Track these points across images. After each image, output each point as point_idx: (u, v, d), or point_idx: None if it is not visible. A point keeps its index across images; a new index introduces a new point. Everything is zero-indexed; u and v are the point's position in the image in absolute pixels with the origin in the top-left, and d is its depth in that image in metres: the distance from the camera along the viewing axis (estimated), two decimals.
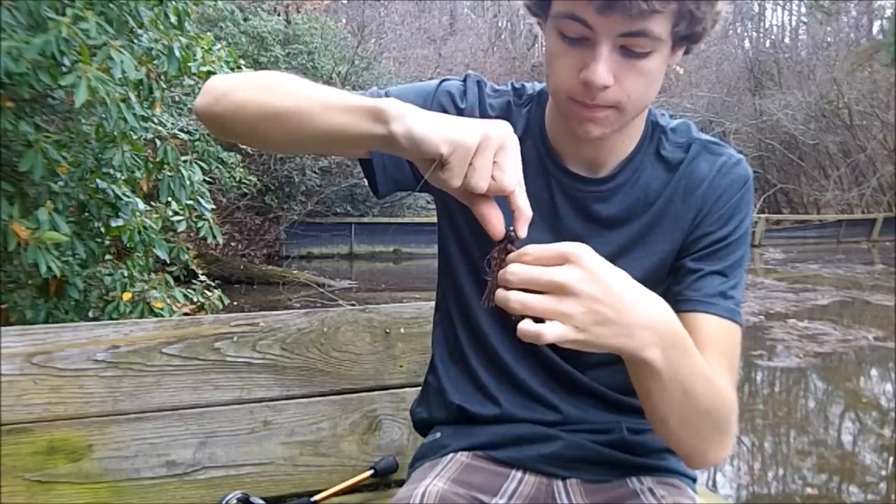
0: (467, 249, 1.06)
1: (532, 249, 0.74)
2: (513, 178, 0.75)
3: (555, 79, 0.90)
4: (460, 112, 1.01)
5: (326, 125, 0.82)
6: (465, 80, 1.05)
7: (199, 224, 3.15)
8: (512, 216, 0.76)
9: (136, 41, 2.69)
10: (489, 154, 0.74)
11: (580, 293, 0.72)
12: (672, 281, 1.00)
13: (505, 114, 1.04)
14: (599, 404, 1.03)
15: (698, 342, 0.90)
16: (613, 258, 0.99)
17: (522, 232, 0.75)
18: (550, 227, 1.01)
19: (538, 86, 1.07)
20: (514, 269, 0.73)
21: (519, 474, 1.02)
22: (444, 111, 1.00)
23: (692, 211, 0.99)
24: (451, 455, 1.04)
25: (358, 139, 0.81)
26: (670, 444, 0.91)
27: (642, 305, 0.76)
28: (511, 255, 0.75)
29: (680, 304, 0.96)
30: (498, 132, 0.75)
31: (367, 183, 1.02)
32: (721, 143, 1.03)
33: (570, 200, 1.01)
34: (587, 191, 1.00)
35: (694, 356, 0.83)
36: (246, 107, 0.87)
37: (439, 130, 0.74)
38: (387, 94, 0.99)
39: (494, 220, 0.76)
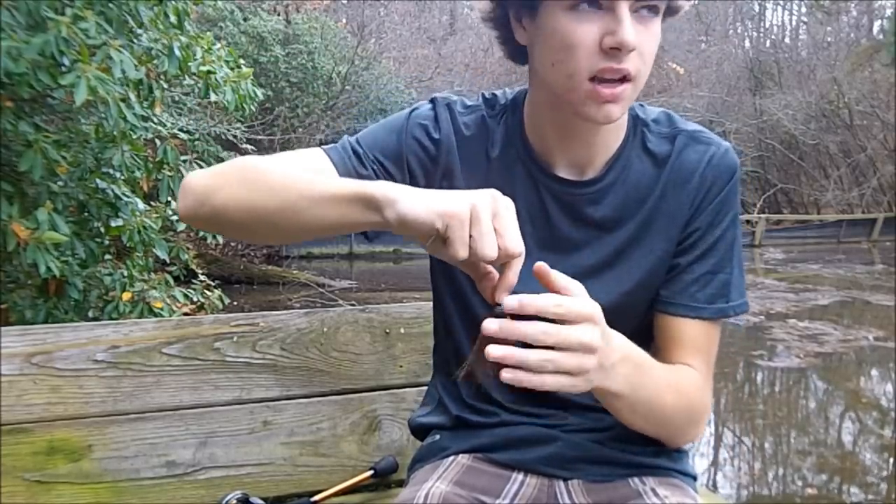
0: (457, 285, 1.05)
1: (555, 306, 0.72)
2: (516, 242, 0.74)
3: (574, 61, 0.86)
4: (436, 143, 0.99)
5: (317, 220, 0.81)
6: (434, 106, 1.02)
7: None
8: (498, 280, 0.76)
9: (135, 41, 2.69)
10: (487, 221, 0.73)
11: (599, 349, 0.75)
12: None
13: (480, 129, 1.02)
14: (598, 406, 1.03)
15: (676, 342, 0.97)
16: (612, 261, 0.99)
17: (500, 298, 0.75)
18: (545, 235, 1.00)
19: (510, 93, 1.05)
20: (547, 329, 0.72)
21: (520, 476, 1.02)
22: (420, 144, 0.99)
23: (685, 206, 0.98)
24: (451, 457, 1.04)
25: (351, 228, 0.81)
26: (646, 434, 0.97)
27: (618, 344, 0.81)
28: (524, 301, 0.72)
29: (660, 304, 0.99)
30: (486, 200, 0.74)
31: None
32: (704, 130, 1.01)
33: (561, 206, 0.99)
34: (577, 194, 0.99)
35: (653, 373, 0.89)
36: (230, 209, 0.85)
37: (429, 208, 0.74)
38: (357, 142, 0.98)
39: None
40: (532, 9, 0.90)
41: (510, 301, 0.72)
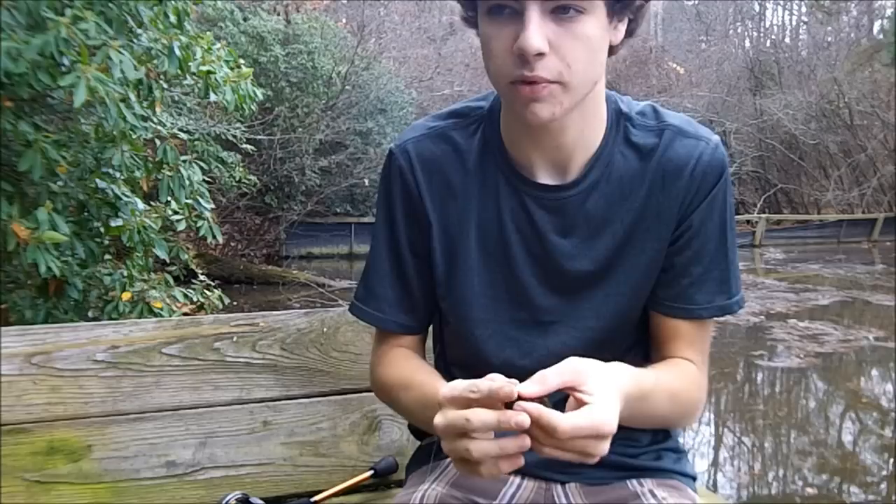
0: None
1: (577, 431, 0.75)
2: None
3: (493, 66, 0.87)
4: (413, 201, 1.00)
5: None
6: (388, 168, 1.02)
7: (199, 224, 3.15)
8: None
9: (135, 41, 2.69)
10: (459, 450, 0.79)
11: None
12: None
13: (448, 150, 1.00)
14: None
15: (674, 339, 0.99)
16: (605, 265, 0.97)
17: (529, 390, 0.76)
18: (534, 246, 0.98)
19: (486, 102, 1.02)
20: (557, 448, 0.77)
21: (517, 479, 1.01)
22: (409, 199, 1.01)
23: (675, 203, 0.95)
24: (448, 459, 1.03)
25: None
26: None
27: (621, 395, 0.80)
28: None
29: (659, 307, 0.99)
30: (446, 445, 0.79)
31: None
32: (692, 122, 0.98)
33: (546, 212, 0.96)
34: (560, 198, 0.96)
35: (652, 394, 0.89)
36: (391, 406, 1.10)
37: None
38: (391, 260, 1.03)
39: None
40: (475, 13, 0.89)
41: (527, 415, 0.75)
